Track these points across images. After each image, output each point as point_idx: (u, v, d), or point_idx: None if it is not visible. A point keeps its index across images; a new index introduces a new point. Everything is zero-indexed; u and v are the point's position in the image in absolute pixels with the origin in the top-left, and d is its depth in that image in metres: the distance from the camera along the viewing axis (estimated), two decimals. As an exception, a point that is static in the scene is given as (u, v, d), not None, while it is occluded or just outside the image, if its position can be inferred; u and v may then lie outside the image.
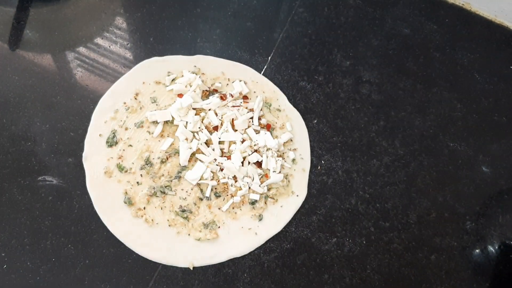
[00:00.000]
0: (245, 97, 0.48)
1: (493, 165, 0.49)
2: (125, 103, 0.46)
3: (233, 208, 0.43)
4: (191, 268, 0.40)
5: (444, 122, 0.51)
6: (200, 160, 0.44)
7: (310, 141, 0.48)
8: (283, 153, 0.46)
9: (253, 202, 0.43)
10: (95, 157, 0.43)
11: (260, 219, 0.43)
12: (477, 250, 0.44)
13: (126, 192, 0.42)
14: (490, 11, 0.59)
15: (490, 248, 0.44)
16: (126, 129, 0.45)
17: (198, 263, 0.40)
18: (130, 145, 0.44)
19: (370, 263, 0.42)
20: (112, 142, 0.44)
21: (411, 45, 0.55)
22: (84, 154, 0.43)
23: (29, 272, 0.39)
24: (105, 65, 0.49)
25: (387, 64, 0.54)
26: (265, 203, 0.44)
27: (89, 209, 0.41)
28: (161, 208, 0.42)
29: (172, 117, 0.45)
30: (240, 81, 0.49)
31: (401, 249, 0.43)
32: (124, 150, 0.44)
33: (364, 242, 0.43)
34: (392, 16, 0.57)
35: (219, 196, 0.43)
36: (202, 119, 0.46)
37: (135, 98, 0.47)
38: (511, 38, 0.57)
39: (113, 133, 0.44)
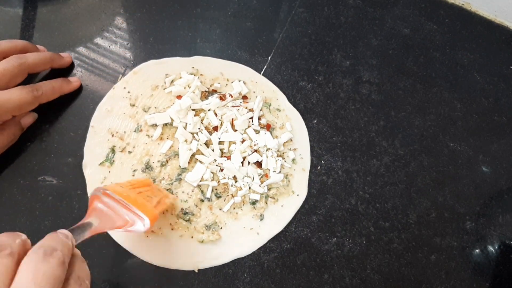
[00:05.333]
0: (244, 97, 0.48)
1: (493, 165, 0.49)
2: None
3: (234, 208, 0.43)
4: (196, 271, 0.40)
5: (444, 122, 0.51)
6: (200, 161, 0.44)
7: (310, 141, 0.48)
8: (283, 153, 0.46)
9: (253, 202, 0.43)
10: (95, 166, 0.43)
11: (261, 219, 0.43)
12: (477, 250, 0.44)
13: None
14: (490, 11, 0.59)
15: (490, 248, 0.44)
16: (125, 133, 0.45)
17: (202, 265, 0.40)
18: (130, 151, 0.44)
19: (370, 263, 0.42)
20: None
21: (411, 45, 0.55)
22: (84, 162, 0.43)
23: (29, 272, 0.39)
24: (105, 65, 0.49)
25: (387, 64, 0.54)
26: (266, 203, 0.44)
27: (89, 209, 0.41)
28: (163, 213, 0.42)
29: (172, 119, 0.45)
30: (240, 81, 0.49)
31: (401, 249, 0.43)
32: (124, 155, 0.44)
33: (364, 242, 0.43)
34: (392, 16, 0.57)
35: (220, 196, 0.43)
36: (202, 120, 0.46)
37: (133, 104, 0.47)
38: (511, 38, 0.58)
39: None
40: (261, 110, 0.48)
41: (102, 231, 0.32)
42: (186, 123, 0.45)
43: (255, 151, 0.45)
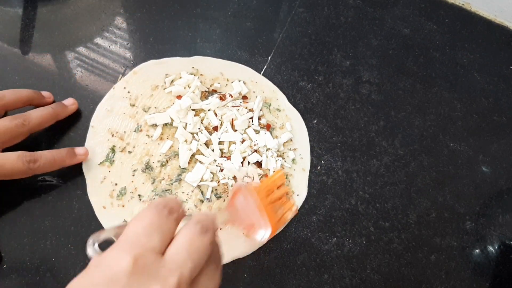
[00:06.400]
0: (244, 97, 0.48)
1: (493, 165, 0.49)
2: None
3: (233, 208, 0.43)
4: None
5: (444, 122, 0.51)
6: (200, 161, 0.44)
7: (310, 141, 0.48)
8: (283, 153, 0.46)
9: None
10: (95, 165, 0.43)
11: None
12: (477, 250, 0.44)
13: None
14: (490, 11, 0.59)
15: (490, 248, 0.44)
16: (125, 133, 0.45)
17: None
18: (130, 151, 0.44)
19: (370, 263, 0.42)
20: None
21: (411, 45, 0.55)
22: (83, 162, 0.43)
23: (29, 272, 0.39)
24: (105, 65, 0.49)
25: (387, 64, 0.54)
26: (265, 203, 0.44)
27: (89, 209, 0.41)
28: None
29: (172, 119, 0.45)
30: (240, 81, 0.49)
31: (401, 249, 0.43)
32: (124, 155, 0.44)
33: (364, 242, 0.43)
34: (392, 16, 0.57)
35: (220, 197, 0.43)
36: (202, 120, 0.46)
37: (132, 104, 0.47)
38: (511, 38, 0.58)
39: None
40: (261, 110, 0.48)
41: (232, 225, 0.37)
42: (186, 123, 0.45)
43: (255, 151, 0.45)
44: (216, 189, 0.43)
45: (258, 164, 0.45)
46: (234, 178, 0.44)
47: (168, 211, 0.26)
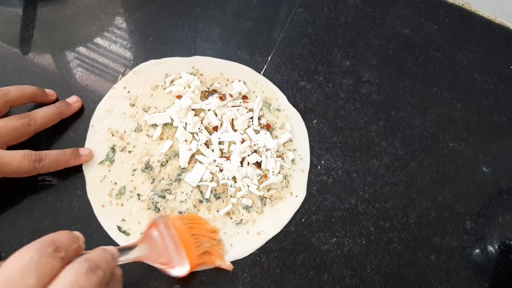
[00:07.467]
0: (244, 97, 0.48)
1: (493, 165, 0.49)
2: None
3: (233, 213, 0.43)
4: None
5: (444, 122, 0.51)
6: (199, 161, 0.44)
7: (310, 141, 0.48)
8: (282, 154, 0.46)
9: (246, 207, 0.43)
10: (95, 164, 0.43)
11: (259, 221, 0.43)
12: (477, 250, 0.44)
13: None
14: (490, 11, 0.59)
15: (490, 248, 0.44)
16: (125, 132, 0.45)
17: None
18: (130, 151, 0.44)
19: (370, 263, 0.42)
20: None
21: (411, 45, 0.55)
22: None
23: (29, 272, 0.39)
24: (105, 65, 0.49)
25: (387, 64, 0.54)
26: (265, 204, 0.44)
27: (88, 209, 0.41)
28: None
29: (171, 119, 0.45)
30: (239, 81, 0.49)
31: (401, 249, 0.43)
32: (124, 154, 0.44)
33: (364, 242, 0.43)
34: (392, 16, 0.57)
35: (219, 197, 0.43)
36: (202, 120, 0.46)
37: (133, 104, 0.47)
38: (511, 38, 0.58)
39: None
40: (261, 110, 0.48)
41: (145, 261, 0.32)
42: (186, 123, 0.45)
43: (255, 151, 0.45)
44: (215, 190, 0.43)
45: (258, 164, 0.45)
46: (234, 178, 0.44)
47: (53, 249, 0.24)
